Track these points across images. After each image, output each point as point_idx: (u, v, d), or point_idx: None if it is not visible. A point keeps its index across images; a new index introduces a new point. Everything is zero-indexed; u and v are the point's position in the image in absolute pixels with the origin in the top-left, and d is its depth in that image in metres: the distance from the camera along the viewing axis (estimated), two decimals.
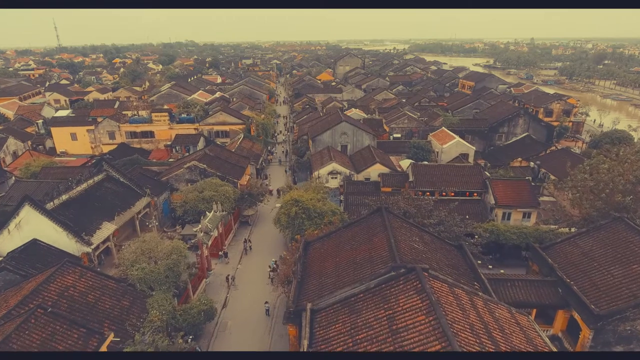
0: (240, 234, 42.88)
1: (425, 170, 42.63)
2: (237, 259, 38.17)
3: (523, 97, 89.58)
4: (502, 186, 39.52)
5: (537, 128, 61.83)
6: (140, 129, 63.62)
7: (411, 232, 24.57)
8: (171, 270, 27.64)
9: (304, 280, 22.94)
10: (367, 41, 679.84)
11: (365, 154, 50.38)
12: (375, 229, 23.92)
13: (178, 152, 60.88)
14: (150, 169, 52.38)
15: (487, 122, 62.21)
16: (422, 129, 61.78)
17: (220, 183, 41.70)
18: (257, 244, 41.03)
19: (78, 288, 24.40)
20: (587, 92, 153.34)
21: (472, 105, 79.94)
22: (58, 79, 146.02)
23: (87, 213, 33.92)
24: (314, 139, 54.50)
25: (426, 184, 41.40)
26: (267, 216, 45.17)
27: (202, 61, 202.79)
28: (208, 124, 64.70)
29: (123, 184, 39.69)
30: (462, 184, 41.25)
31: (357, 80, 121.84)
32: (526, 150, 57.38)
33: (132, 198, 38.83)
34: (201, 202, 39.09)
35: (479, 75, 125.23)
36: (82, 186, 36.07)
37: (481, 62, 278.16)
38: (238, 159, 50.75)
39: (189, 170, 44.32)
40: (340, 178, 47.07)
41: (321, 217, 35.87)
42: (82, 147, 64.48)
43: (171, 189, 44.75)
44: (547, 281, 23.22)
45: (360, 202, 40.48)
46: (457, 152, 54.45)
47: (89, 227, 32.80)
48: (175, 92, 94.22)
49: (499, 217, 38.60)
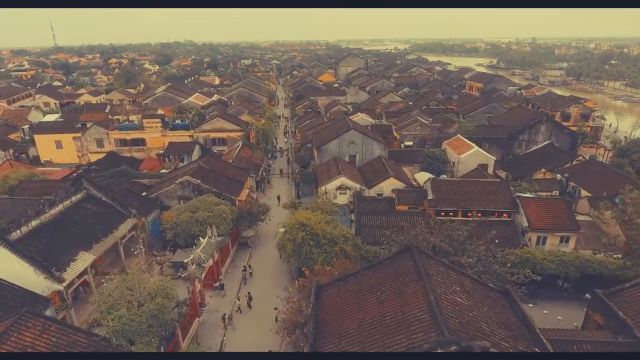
0: (239, 258, 38.21)
1: (446, 187, 37.98)
2: (236, 290, 33.48)
3: (537, 100, 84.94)
4: (535, 206, 34.89)
5: (559, 135, 57.25)
6: (131, 136, 58.88)
7: (450, 279, 19.91)
8: (155, 319, 23.00)
9: (317, 343, 18.29)
10: (367, 41, 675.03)
11: (376, 165, 45.72)
12: (407, 275, 19.25)
13: (171, 161, 56.20)
14: (140, 182, 47.85)
15: (506, 128, 57.56)
16: (436, 137, 57.14)
17: (216, 201, 37.05)
18: (259, 269, 36.38)
19: (38, 348, 19.71)
20: (597, 94, 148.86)
21: (484, 109, 75.38)
22: (50, 80, 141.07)
23: (60, 242, 29.20)
24: (320, 149, 49.84)
25: (448, 203, 36.77)
26: (269, 236, 40.46)
27: (200, 61, 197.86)
28: (204, 131, 60.00)
29: (105, 203, 34.96)
30: (489, 203, 36.61)
31: (360, 82, 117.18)
32: (549, 160, 52.78)
33: (115, 220, 34.10)
34: (194, 225, 34.45)
35: (487, 77, 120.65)
36: (56, 208, 31.35)
37: (484, 62, 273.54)
38: (236, 171, 46.06)
39: (181, 186, 39.65)
40: (350, 194, 42.43)
41: (332, 244, 31.27)
42: (68, 155, 59.71)
43: (161, 207, 40.04)
44: (623, 343, 18.62)
45: (374, 223, 35.88)
46: (475, 162, 49.86)
47: (62, 259, 28.09)
48: (171, 95, 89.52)
49: (532, 242, 33.98)
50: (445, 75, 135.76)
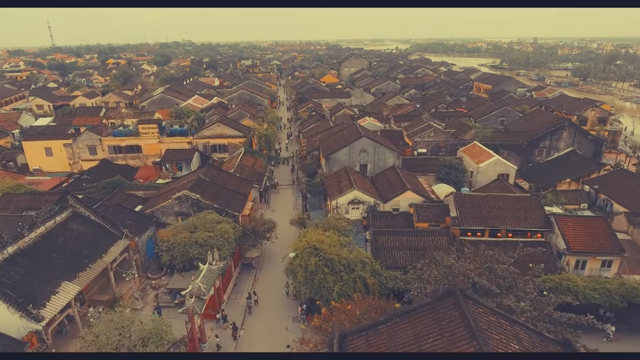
0: (243, 282, 34.64)
1: (471, 202, 34.40)
2: (240, 320, 29.89)
3: (551, 103, 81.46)
4: (573, 225, 31.34)
5: (582, 142, 53.76)
6: (126, 142, 55.24)
7: (504, 332, 16.36)
8: None
9: None
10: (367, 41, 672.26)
11: (391, 177, 42.15)
12: (454, 331, 15.67)
13: (169, 170, 52.62)
14: (135, 194, 44.26)
15: (526, 134, 54.04)
16: (450, 143, 53.61)
17: (217, 219, 33.45)
18: (265, 295, 32.82)
19: None
20: (605, 95, 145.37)
21: (497, 112, 71.88)
22: (45, 82, 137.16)
23: (40, 271, 25.61)
24: (328, 158, 46.26)
25: (474, 221, 33.20)
26: (274, 256, 36.90)
27: (199, 62, 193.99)
28: (203, 137, 56.37)
29: (94, 223, 31.36)
30: (520, 220, 33.05)
31: (364, 83, 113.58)
32: (573, 169, 49.24)
33: (105, 242, 30.53)
34: (193, 246, 30.88)
35: (494, 78, 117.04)
36: (37, 231, 27.76)
37: (487, 62, 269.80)
38: (238, 182, 42.47)
39: (179, 201, 36.03)
40: (363, 208, 38.86)
41: (349, 271, 27.75)
42: (58, 163, 56.06)
43: (157, 224, 36.43)
44: None
45: (393, 244, 32.32)
46: (495, 172, 46.35)
47: (42, 292, 24.50)
48: (169, 97, 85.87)
49: (570, 266, 30.46)
50: (451, 76, 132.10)
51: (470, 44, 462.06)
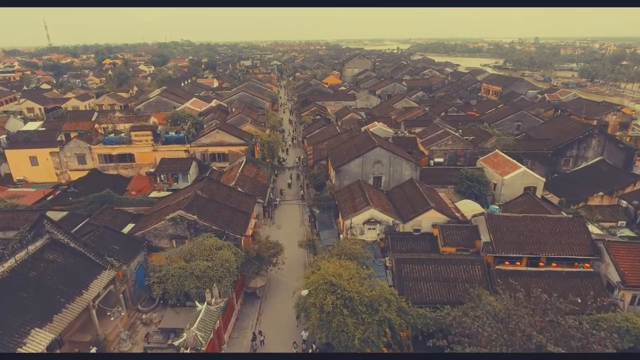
0: (246, 316, 30.48)
1: (506, 225, 30.26)
2: None
3: (567, 107, 77.37)
4: (626, 253, 27.28)
5: (612, 150, 49.69)
6: (117, 151, 50.98)
7: None
8: None
9: None
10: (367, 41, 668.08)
11: (409, 191, 37.99)
12: None
13: (164, 181, 48.37)
14: (125, 210, 40.10)
15: (551, 142, 49.96)
16: (470, 152, 49.52)
17: (216, 244, 29.26)
18: (271, 331, 28.68)
19: None
20: (615, 97, 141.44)
21: (513, 117, 67.81)
22: (38, 83, 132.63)
23: (6, 315, 21.36)
24: (339, 169, 42.12)
25: (510, 247, 29.07)
26: (281, 284, 32.75)
27: (198, 62, 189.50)
28: (202, 145, 52.13)
29: (74, 251, 27.08)
30: (562, 247, 28.93)
31: (369, 85, 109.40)
32: (605, 181, 45.14)
33: (86, 274, 26.27)
34: (189, 279, 26.71)
35: (504, 79, 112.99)
36: (5, 265, 23.53)
37: (489, 62, 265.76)
38: (240, 198, 38.29)
39: (173, 222, 31.81)
40: (380, 228, 34.71)
41: (372, 312, 23.60)
42: (45, 173, 51.80)
43: (149, 248, 32.23)
44: None
45: (419, 274, 28.22)
46: (522, 185, 42.34)
47: (5, 345, 20.28)
48: (165, 100, 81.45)
49: (626, 302, 26.39)
50: (457, 77, 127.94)
51: (471, 44, 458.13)
